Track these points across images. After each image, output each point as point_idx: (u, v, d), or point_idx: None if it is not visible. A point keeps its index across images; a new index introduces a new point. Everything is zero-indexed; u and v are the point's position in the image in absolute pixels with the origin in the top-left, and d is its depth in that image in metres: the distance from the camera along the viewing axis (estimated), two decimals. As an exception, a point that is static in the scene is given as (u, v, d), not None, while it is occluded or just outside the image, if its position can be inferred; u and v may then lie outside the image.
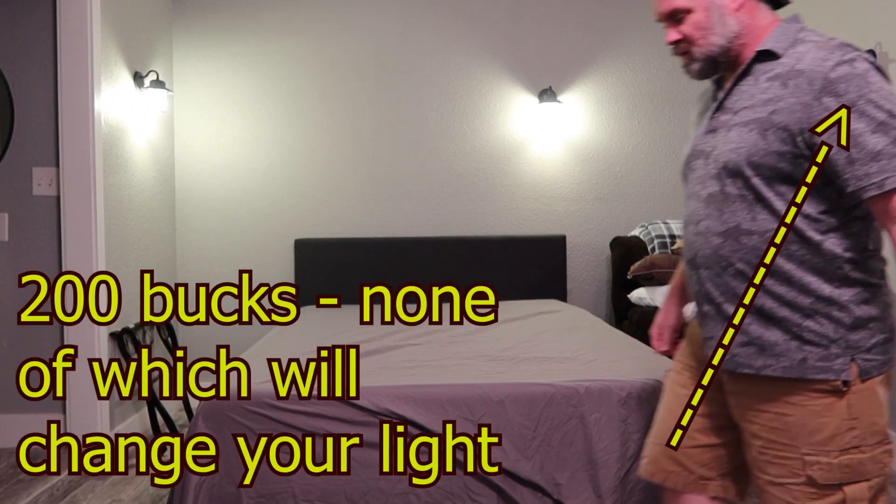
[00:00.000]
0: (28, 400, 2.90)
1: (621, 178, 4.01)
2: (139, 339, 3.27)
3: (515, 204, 4.00)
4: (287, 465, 1.98)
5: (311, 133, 3.95)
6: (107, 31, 3.04)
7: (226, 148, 3.93)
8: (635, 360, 2.29)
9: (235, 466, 1.97)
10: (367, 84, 3.95)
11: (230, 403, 2.01)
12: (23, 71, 2.89)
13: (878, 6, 2.94)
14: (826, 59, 1.22)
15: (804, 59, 1.25)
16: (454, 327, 2.95)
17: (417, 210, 3.98)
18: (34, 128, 2.90)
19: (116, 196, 3.12)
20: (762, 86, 1.30)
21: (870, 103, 1.18)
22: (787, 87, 1.25)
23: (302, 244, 3.86)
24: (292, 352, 2.50)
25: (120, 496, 2.58)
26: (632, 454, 2.04)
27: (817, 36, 1.29)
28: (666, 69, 3.99)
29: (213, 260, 3.93)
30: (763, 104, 1.28)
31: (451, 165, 3.98)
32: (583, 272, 4.01)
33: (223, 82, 3.92)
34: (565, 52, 3.97)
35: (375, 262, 3.85)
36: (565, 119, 3.97)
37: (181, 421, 3.59)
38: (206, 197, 3.93)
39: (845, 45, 1.24)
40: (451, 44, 3.96)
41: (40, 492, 2.43)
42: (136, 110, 3.37)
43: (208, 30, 3.91)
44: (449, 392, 2.04)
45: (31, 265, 2.91)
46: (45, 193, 2.90)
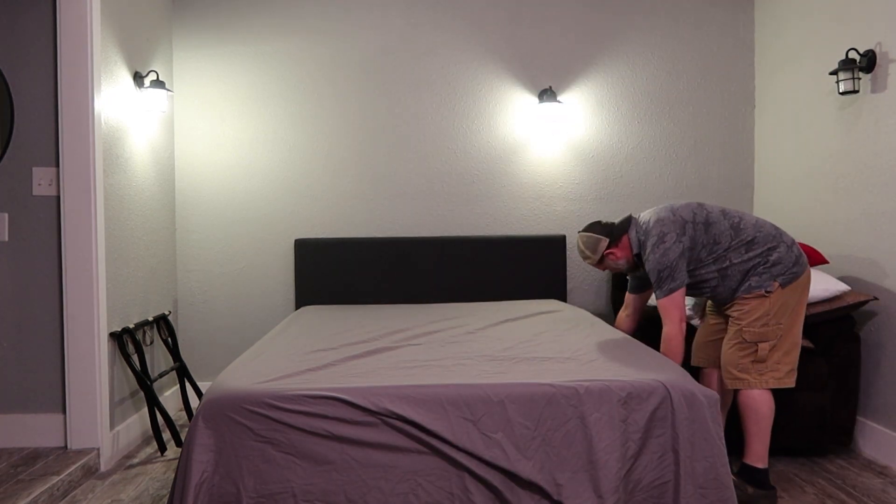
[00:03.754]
0: (28, 400, 2.90)
1: (621, 178, 4.01)
2: (139, 338, 3.27)
3: (515, 204, 4.00)
4: (287, 465, 1.98)
5: (311, 133, 3.95)
6: (107, 31, 3.04)
7: (226, 148, 3.93)
8: (635, 360, 2.29)
9: (235, 466, 1.97)
10: (367, 84, 3.95)
11: (230, 403, 2.01)
12: (23, 71, 2.89)
13: (878, 6, 2.94)
14: (648, 252, 2.56)
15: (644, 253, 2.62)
16: (454, 327, 2.95)
17: (417, 210, 3.98)
18: (34, 128, 2.90)
19: (116, 196, 3.12)
20: None
21: (650, 273, 2.53)
22: None
23: (302, 244, 3.86)
24: (292, 351, 2.50)
25: (120, 496, 2.58)
26: (632, 454, 2.04)
27: (641, 234, 2.62)
28: (666, 69, 4.00)
29: (213, 260, 3.93)
30: None
31: (451, 165, 3.98)
32: (583, 272, 4.01)
33: (223, 82, 3.92)
34: (565, 52, 3.98)
35: (375, 262, 3.85)
36: (565, 119, 3.97)
37: (181, 421, 3.59)
38: (206, 197, 3.93)
39: (647, 240, 2.57)
40: (451, 44, 3.96)
41: (40, 492, 2.43)
42: (136, 110, 3.37)
43: (208, 30, 3.91)
44: (449, 392, 2.04)
45: (31, 265, 2.91)
46: (45, 193, 2.90)
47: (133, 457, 3.05)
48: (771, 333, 2.49)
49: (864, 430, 3.00)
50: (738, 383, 2.52)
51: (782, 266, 2.48)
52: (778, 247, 2.50)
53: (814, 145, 3.41)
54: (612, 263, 2.68)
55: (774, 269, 2.48)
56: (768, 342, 2.50)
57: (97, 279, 2.88)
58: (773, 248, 2.49)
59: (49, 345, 2.91)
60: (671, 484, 2.04)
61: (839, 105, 3.20)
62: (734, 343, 2.54)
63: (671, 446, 2.05)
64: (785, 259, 2.49)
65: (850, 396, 2.90)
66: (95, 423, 2.86)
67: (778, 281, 2.47)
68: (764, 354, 2.50)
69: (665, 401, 2.06)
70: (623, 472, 2.02)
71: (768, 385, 2.49)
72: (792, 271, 2.48)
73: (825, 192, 3.32)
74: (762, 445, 2.49)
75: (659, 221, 2.54)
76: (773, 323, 2.49)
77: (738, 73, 4.02)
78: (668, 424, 2.05)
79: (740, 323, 2.52)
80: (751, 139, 4.03)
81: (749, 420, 2.50)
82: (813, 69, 3.40)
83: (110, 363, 3.00)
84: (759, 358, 2.50)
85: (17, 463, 2.69)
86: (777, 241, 2.51)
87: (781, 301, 2.48)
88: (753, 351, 2.51)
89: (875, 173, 2.97)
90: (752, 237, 2.51)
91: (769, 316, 2.47)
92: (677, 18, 4.00)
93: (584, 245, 2.69)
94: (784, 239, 2.52)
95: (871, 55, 2.93)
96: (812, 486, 2.63)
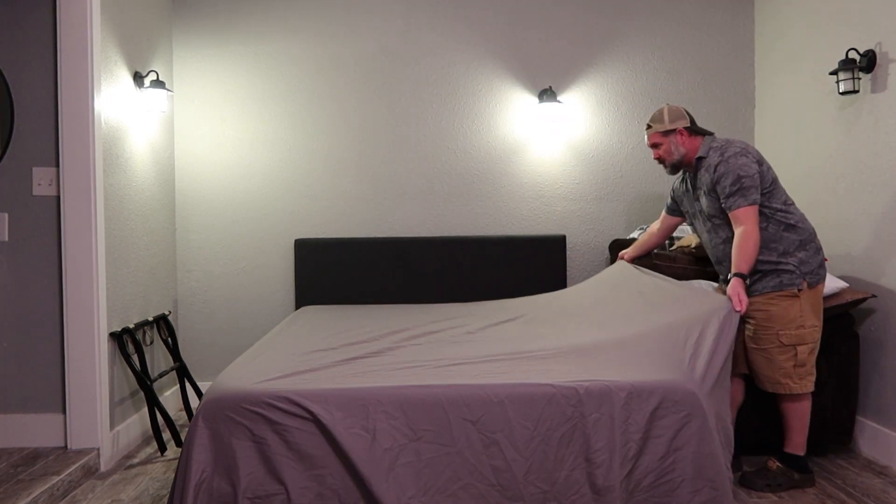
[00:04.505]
0: (28, 400, 2.90)
1: (621, 178, 4.01)
2: (139, 338, 3.27)
3: (515, 204, 4.00)
4: (284, 466, 1.98)
5: (311, 133, 3.95)
6: (107, 31, 3.04)
7: (226, 148, 3.93)
8: (636, 361, 2.28)
9: (234, 466, 1.97)
10: (367, 84, 3.95)
11: (230, 404, 2.01)
12: (23, 71, 2.89)
13: (878, 6, 2.94)
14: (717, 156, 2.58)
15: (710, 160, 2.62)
16: (454, 327, 2.95)
17: (417, 210, 3.98)
18: (34, 128, 2.90)
19: (116, 196, 3.11)
20: (702, 174, 2.67)
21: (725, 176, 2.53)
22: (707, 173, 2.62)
23: (302, 244, 3.86)
24: (292, 352, 2.50)
25: (120, 496, 2.58)
26: (633, 454, 2.04)
27: (718, 143, 2.62)
28: (666, 69, 4.00)
29: (213, 260, 3.93)
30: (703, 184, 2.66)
31: (451, 165, 3.98)
32: (583, 272, 4.01)
33: (223, 82, 3.92)
34: (565, 52, 3.98)
35: (375, 262, 3.85)
36: (565, 119, 3.97)
37: (181, 421, 3.59)
38: (206, 197, 3.93)
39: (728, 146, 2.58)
40: (451, 44, 3.96)
41: (40, 492, 2.43)
42: (136, 110, 3.37)
43: (208, 30, 3.91)
44: (449, 392, 2.04)
45: (31, 265, 2.91)
46: (45, 193, 2.90)
47: (133, 457, 3.05)
48: (808, 336, 2.53)
49: (864, 429, 3.00)
50: (779, 387, 2.56)
51: (810, 265, 2.54)
52: (809, 245, 2.57)
53: (814, 145, 3.41)
54: (672, 144, 2.67)
55: (804, 266, 2.53)
56: (807, 345, 2.53)
57: (97, 279, 2.88)
58: (808, 242, 2.56)
59: (49, 345, 2.91)
60: (672, 484, 2.04)
61: (839, 105, 3.20)
62: (771, 347, 2.55)
63: (671, 447, 2.05)
64: (813, 260, 2.56)
65: (850, 395, 2.90)
66: (95, 423, 2.86)
67: (807, 280, 2.52)
68: (804, 358, 2.53)
69: (665, 401, 2.06)
70: (624, 473, 2.02)
71: (808, 389, 2.56)
72: (818, 273, 2.56)
73: (825, 191, 3.32)
74: (802, 436, 2.62)
75: (743, 142, 2.60)
76: (809, 325, 2.53)
77: (738, 73, 4.02)
78: (668, 424, 2.05)
79: (773, 326, 2.53)
80: (751, 139, 4.03)
81: (794, 419, 2.59)
82: (813, 69, 3.40)
83: (110, 363, 3.00)
84: (799, 362, 2.53)
85: (17, 463, 2.69)
86: (812, 239, 2.59)
87: (811, 301, 2.54)
88: (793, 355, 2.53)
89: (875, 173, 2.97)
90: (795, 223, 2.56)
91: (803, 317, 2.51)
92: (677, 19, 4.00)
93: (668, 112, 2.68)
94: (816, 241, 2.60)
95: (871, 55, 2.93)
96: (812, 486, 2.63)
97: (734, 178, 2.48)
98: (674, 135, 2.67)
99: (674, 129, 2.66)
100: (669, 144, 2.68)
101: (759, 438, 2.85)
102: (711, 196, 2.60)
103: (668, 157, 2.71)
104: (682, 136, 2.66)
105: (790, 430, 2.62)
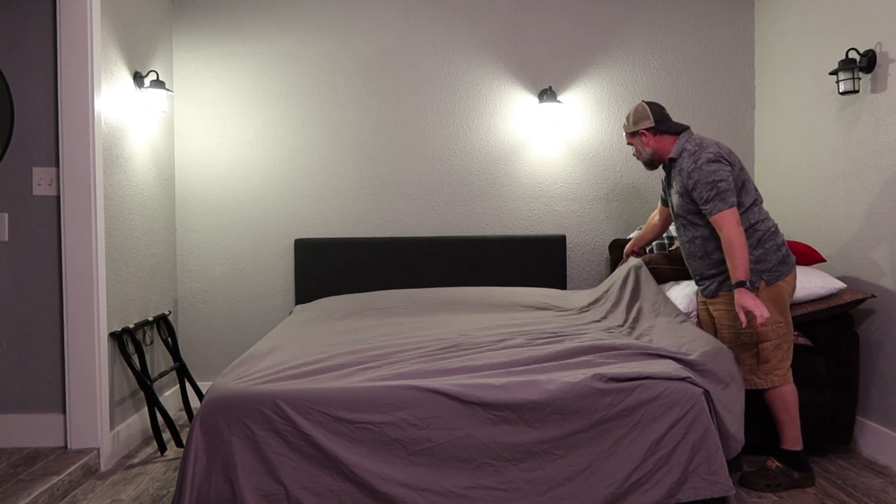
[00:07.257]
0: (28, 400, 2.90)
1: (621, 179, 4.01)
2: (139, 338, 3.27)
3: (515, 204, 4.00)
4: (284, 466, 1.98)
5: (311, 133, 3.95)
6: (107, 31, 3.04)
7: (226, 148, 3.93)
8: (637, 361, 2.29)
9: (233, 467, 1.97)
10: (367, 84, 3.95)
11: (230, 404, 2.01)
12: (23, 71, 2.89)
13: (878, 6, 2.94)
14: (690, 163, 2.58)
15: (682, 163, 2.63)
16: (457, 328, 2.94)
17: (417, 210, 3.98)
18: (34, 128, 2.90)
19: (116, 196, 3.12)
20: (674, 175, 2.70)
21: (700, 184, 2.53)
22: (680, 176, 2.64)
23: (302, 244, 3.86)
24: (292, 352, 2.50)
25: (120, 496, 2.58)
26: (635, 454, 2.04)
27: (691, 146, 2.62)
28: (665, 69, 4.00)
29: (213, 260, 3.93)
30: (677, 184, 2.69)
31: (451, 165, 3.98)
32: (582, 272, 4.01)
33: (223, 82, 3.92)
34: (565, 52, 3.98)
35: (375, 262, 3.85)
36: (565, 119, 3.97)
37: (181, 421, 3.59)
38: (206, 197, 3.93)
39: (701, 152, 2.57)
40: (451, 44, 3.96)
41: (40, 492, 2.43)
42: (136, 110, 3.37)
43: (208, 30, 3.91)
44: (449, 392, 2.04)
45: (31, 265, 2.91)
46: (45, 193, 2.90)
47: (133, 457, 3.05)
48: (770, 332, 2.55)
49: (864, 429, 3.00)
50: (747, 384, 2.59)
51: (767, 262, 2.56)
52: (768, 242, 2.58)
53: (814, 145, 3.41)
54: (638, 144, 2.75)
55: (760, 265, 2.55)
56: (770, 341, 2.55)
57: (97, 279, 2.88)
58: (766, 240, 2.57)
59: (49, 345, 2.91)
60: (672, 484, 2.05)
61: (839, 105, 3.20)
62: (733, 346, 2.59)
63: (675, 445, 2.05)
64: (771, 257, 2.56)
65: (850, 395, 2.90)
66: (95, 423, 2.86)
67: (763, 278, 2.55)
68: (767, 355, 2.55)
69: (666, 400, 2.06)
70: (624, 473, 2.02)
71: (774, 384, 2.57)
72: (778, 269, 2.57)
73: (825, 191, 3.32)
74: (794, 429, 2.61)
75: (717, 144, 2.60)
76: (772, 322, 2.53)
77: (738, 73, 4.02)
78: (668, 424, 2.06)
79: (734, 325, 2.61)
80: (751, 139, 4.03)
81: (779, 411, 2.59)
82: (813, 69, 3.40)
83: (110, 363, 3.00)
84: (762, 359, 2.56)
85: (17, 463, 2.69)
86: (771, 237, 2.59)
87: (771, 298, 2.55)
88: (755, 352, 2.57)
89: (875, 173, 2.97)
90: (754, 222, 2.59)
91: None
92: (677, 18, 3.99)
93: (635, 111, 2.76)
94: (776, 238, 2.60)
95: (871, 55, 2.93)
96: (812, 485, 2.63)
97: (710, 185, 2.50)
98: (639, 137, 2.74)
99: (636, 132, 2.74)
100: (637, 145, 2.77)
101: (759, 439, 2.85)
102: (684, 198, 2.64)
103: (637, 156, 2.81)
104: (646, 137, 2.72)
105: (781, 424, 2.62)
